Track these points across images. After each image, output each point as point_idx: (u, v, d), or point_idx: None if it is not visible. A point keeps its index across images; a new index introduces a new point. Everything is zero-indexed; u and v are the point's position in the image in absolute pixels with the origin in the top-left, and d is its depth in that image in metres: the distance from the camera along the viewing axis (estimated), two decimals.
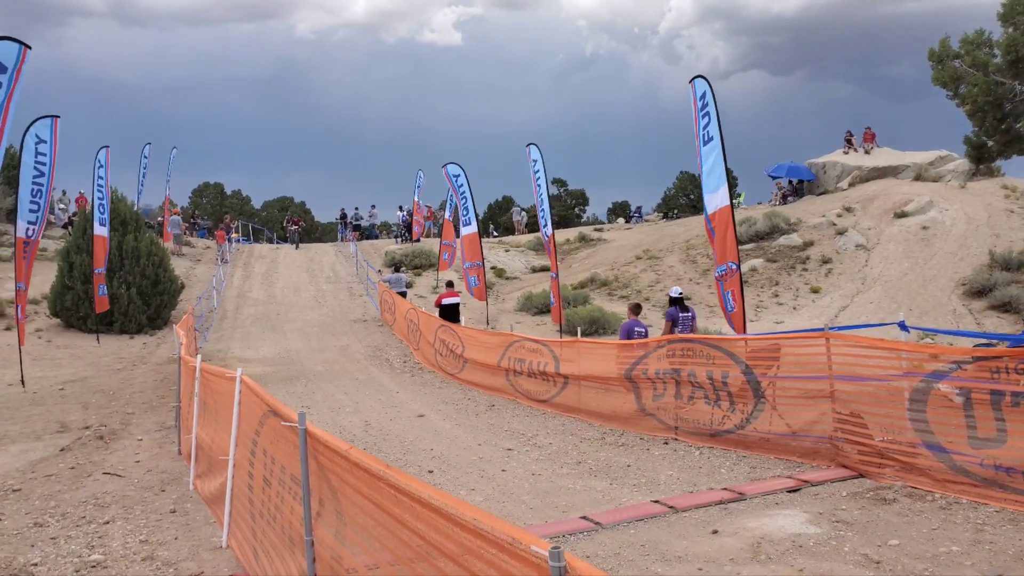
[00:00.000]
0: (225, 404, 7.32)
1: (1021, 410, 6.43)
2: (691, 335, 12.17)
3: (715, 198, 12.50)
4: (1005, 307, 21.13)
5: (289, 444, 5.03)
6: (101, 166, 21.51)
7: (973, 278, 23.08)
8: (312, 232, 62.88)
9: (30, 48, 13.59)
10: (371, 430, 11.96)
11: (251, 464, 6.07)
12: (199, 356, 9.73)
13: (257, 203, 71.32)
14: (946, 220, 27.85)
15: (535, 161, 18.94)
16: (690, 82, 12.95)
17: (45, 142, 16.62)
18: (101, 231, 21.00)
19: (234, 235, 39.58)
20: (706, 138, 12.50)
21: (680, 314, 13.17)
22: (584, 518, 7.22)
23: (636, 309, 14.03)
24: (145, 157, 33.05)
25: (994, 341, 10.29)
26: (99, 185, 21.48)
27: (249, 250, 37.19)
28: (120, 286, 22.34)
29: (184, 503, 8.46)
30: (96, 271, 20.73)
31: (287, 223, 42.65)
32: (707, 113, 12.47)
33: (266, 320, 24.23)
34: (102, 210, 21.24)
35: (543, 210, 18.86)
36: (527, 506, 7.88)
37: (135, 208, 27.78)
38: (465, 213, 24.57)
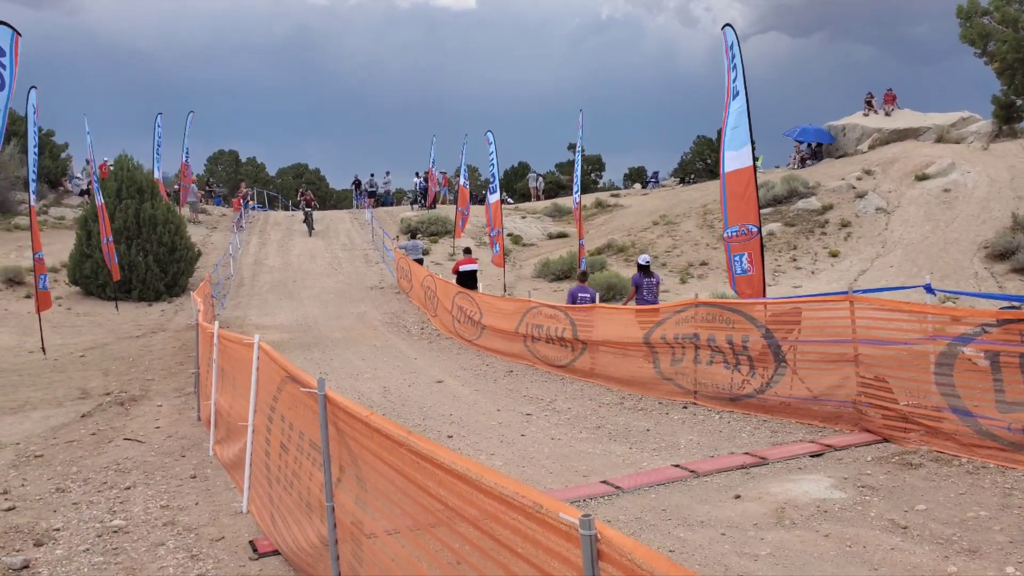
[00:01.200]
0: (243, 370, 7.31)
1: None
2: (717, 300, 12.04)
3: (737, 157, 12.26)
4: None
5: (308, 410, 4.99)
6: (88, 132, 21.51)
7: (995, 241, 22.72)
8: (327, 200, 62.78)
9: (20, 35, 13.91)
10: (390, 396, 11.95)
11: (268, 430, 6.05)
12: (216, 323, 9.71)
13: (272, 170, 71.16)
14: (968, 182, 27.41)
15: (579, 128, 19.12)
16: (722, 29, 12.56)
17: (35, 111, 16.65)
18: (99, 199, 21.13)
19: (250, 202, 39.53)
20: (733, 93, 12.21)
21: (645, 279, 14.46)
22: (605, 482, 7.18)
23: (583, 276, 15.85)
24: (159, 127, 32.95)
25: (1019, 304, 10.11)
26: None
27: (264, 217, 37.19)
28: (138, 254, 22.41)
29: (204, 468, 8.48)
30: (104, 240, 20.78)
31: (300, 198, 37.23)
32: (735, 66, 12.15)
33: (283, 287, 24.25)
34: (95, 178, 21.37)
35: (578, 176, 19.00)
36: (547, 470, 7.85)
37: (155, 176, 27.81)
38: (493, 180, 24.62)
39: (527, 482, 7.39)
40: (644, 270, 14.54)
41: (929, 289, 8.96)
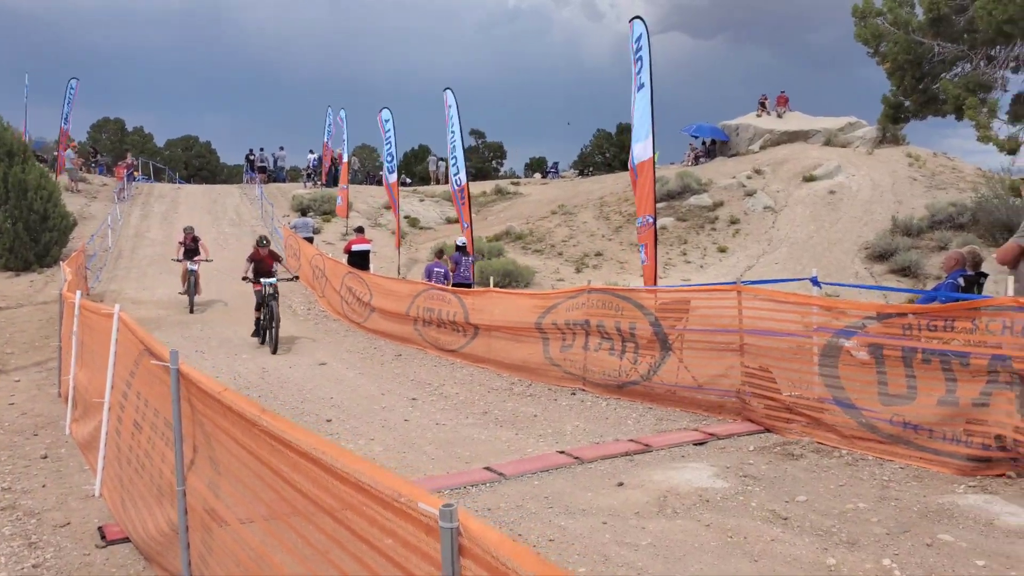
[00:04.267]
0: (102, 343, 6.74)
1: (932, 367, 6.39)
2: (609, 287, 12.00)
3: (640, 148, 12.26)
4: (904, 271, 21.70)
5: (163, 385, 4.55)
6: None
7: (876, 242, 23.63)
8: (217, 174, 60.62)
9: None
10: (268, 377, 11.42)
11: (122, 407, 5.56)
12: (79, 293, 9.02)
13: (160, 141, 68.17)
14: (852, 185, 28.43)
15: (450, 107, 18.31)
16: (630, 21, 12.48)
17: None
18: None
19: (135, 173, 37.66)
20: (638, 84, 12.17)
21: (463, 258, 16.46)
22: (487, 469, 6.94)
23: (439, 253, 17.23)
24: (26, 86, 31.03)
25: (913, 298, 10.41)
26: None
27: (149, 189, 35.46)
28: (5, 220, 20.94)
29: (58, 448, 7.85)
30: None
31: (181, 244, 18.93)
32: (640, 58, 12.09)
33: (164, 261, 23.08)
34: None
35: (455, 157, 18.27)
36: (429, 457, 7.56)
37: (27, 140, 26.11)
38: (390, 160, 24.04)
39: (407, 469, 7.10)
40: (461, 250, 16.64)
41: (815, 282, 9.06)
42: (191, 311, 16.98)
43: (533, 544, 5.25)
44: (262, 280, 13.89)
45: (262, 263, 14.30)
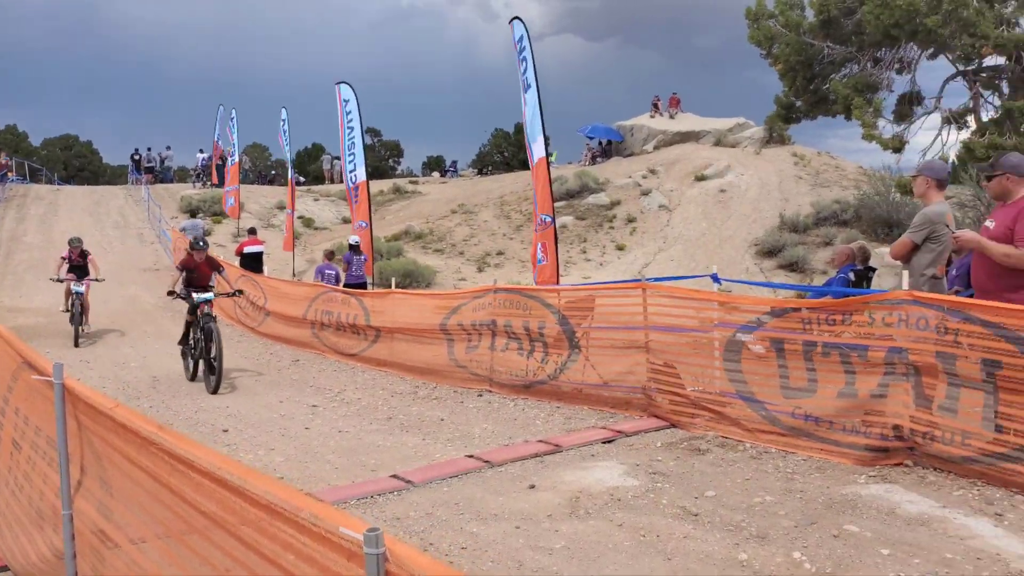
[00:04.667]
0: None
1: (831, 360, 6.55)
2: (515, 286, 11.95)
3: (535, 148, 12.30)
4: (792, 266, 22.52)
5: (46, 401, 4.21)
6: None
7: (765, 239, 24.44)
8: (100, 175, 58.10)
9: None
10: (159, 386, 10.92)
11: (0, 426, 5.15)
12: None
13: (36, 141, 64.79)
14: (742, 184, 29.32)
15: (347, 101, 17.90)
16: (510, 23, 12.51)
17: None
18: None
19: (9, 174, 35.63)
20: (525, 85, 12.18)
21: (355, 257, 16.36)
22: (395, 476, 6.76)
23: (330, 255, 17.11)
24: None
25: (805, 293, 10.76)
26: None
27: (24, 191, 33.62)
28: None
29: None
30: None
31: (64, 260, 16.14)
32: (524, 58, 12.11)
33: (43, 267, 21.91)
34: None
35: (352, 154, 17.88)
36: (332, 466, 7.32)
37: None
38: (287, 159, 23.69)
39: (310, 479, 6.86)
40: (354, 249, 16.51)
41: (716, 279, 9.22)
42: (76, 344, 14.42)
43: (445, 553, 5.12)
44: (194, 295, 11.19)
45: (196, 273, 11.55)
